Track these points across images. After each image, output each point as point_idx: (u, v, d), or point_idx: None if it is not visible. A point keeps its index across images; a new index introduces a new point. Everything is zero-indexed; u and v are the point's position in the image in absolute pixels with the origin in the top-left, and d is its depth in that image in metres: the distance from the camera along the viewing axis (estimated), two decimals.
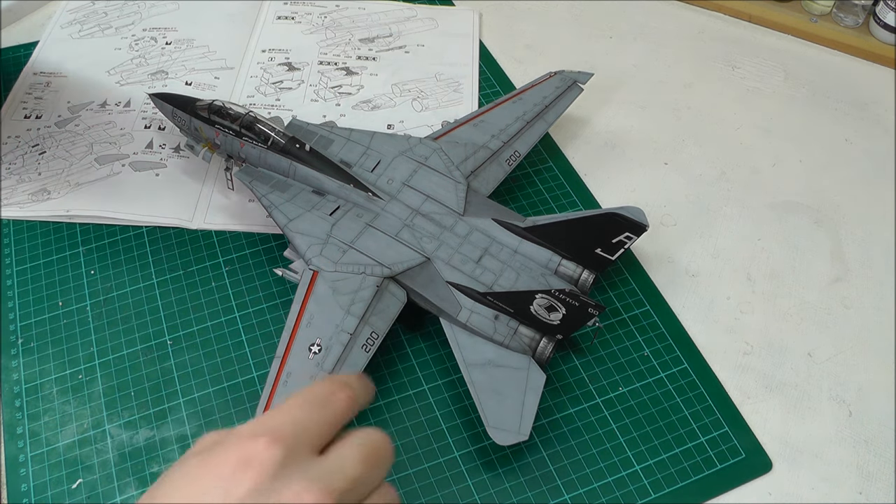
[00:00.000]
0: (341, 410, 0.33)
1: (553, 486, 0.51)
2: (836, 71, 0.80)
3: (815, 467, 0.53)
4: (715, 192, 0.69)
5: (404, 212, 0.57)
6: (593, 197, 0.67)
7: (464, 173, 0.60)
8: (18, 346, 0.57)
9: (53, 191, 0.65)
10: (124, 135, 0.69)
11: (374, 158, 0.60)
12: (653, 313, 0.60)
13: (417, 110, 0.73)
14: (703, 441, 0.53)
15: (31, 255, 0.62)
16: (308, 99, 0.74)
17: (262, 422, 0.32)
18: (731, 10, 0.85)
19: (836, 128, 0.75)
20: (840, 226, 0.67)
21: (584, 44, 0.82)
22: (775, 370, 0.57)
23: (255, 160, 0.60)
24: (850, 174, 0.71)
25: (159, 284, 0.60)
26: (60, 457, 0.52)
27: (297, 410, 0.32)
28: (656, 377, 0.56)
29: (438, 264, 0.55)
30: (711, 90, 0.78)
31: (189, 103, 0.63)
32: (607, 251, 0.55)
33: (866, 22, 0.82)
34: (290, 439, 0.31)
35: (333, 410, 0.33)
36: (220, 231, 0.64)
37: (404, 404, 0.54)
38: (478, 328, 0.52)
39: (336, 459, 0.32)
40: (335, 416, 0.33)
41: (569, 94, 0.68)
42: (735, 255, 0.64)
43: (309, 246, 0.54)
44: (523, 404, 0.50)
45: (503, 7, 0.86)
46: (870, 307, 0.61)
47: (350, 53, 0.79)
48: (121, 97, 0.72)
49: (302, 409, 0.32)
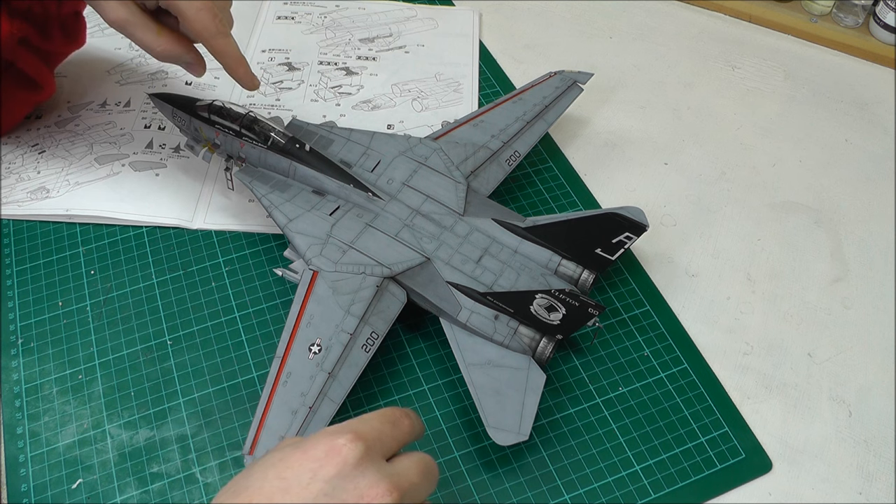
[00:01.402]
0: (406, 432, 0.40)
1: (553, 486, 0.51)
2: (836, 71, 0.80)
3: (815, 467, 0.53)
4: (715, 192, 0.69)
5: (404, 212, 0.57)
6: (593, 197, 0.67)
7: (464, 173, 0.60)
8: (18, 346, 0.57)
9: (53, 189, 0.65)
10: (124, 135, 0.69)
11: (374, 158, 0.60)
12: (653, 313, 0.60)
13: (417, 110, 0.73)
14: (703, 441, 0.53)
15: (31, 255, 0.62)
16: (308, 99, 0.74)
17: (346, 425, 0.38)
18: (731, 10, 0.85)
19: (836, 128, 0.75)
20: (840, 226, 0.67)
21: (584, 44, 0.82)
22: (775, 370, 0.57)
23: (255, 160, 0.60)
24: (850, 174, 0.71)
25: (159, 284, 0.60)
26: (60, 457, 0.52)
27: (376, 422, 0.38)
28: (656, 377, 0.56)
29: (438, 264, 0.55)
30: (711, 90, 0.78)
31: (189, 103, 0.62)
32: (607, 251, 0.55)
33: (866, 22, 0.82)
34: (369, 440, 0.37)
35: (401, 430, 0.39)
36: (220, 231, 0.64)
37: (404, 404, 0.54)
38: (478, 328, 0.52)
39: (401, 466, 0.38)
40: (402, 435, 0.39)
41: (569, 94, 0.68)
42: (735, 255, 0.64)
43: (309, 246, 0.54)
44: (523, 404, 0.50)
45: (503, 7, 0.86)
46: (870, 307, 0.62)
47: (350, 53, 0.79)
48: (121, 97, 0.72)
49: (379, 421, 0.39)
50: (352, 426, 0.38)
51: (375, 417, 0.39)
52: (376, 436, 0.38)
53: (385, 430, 0.38)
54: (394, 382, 0.55)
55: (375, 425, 0.38)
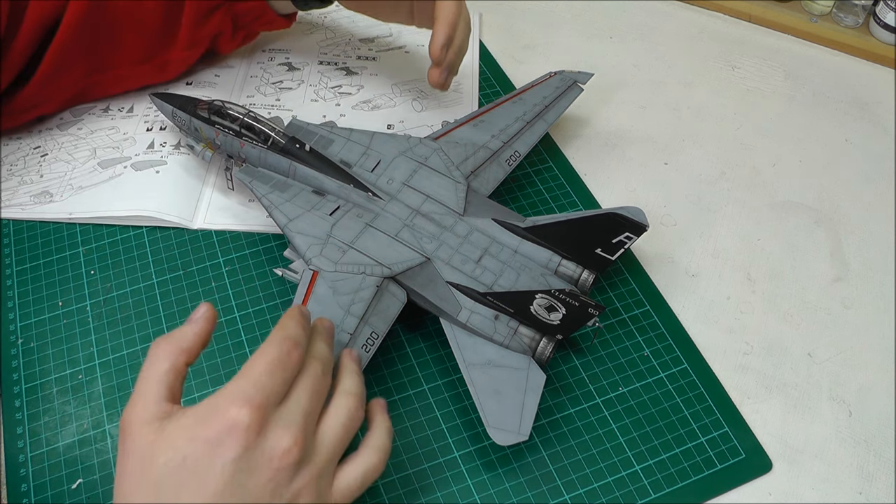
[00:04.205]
0: (295, 368, 0.40)
1: (553, 486, 0.51)
2: (836, 71, 0.80)
3: (815, 467, 0.53)
4: (715, 192, 0.69)
5: (404, 212, 0.57)
6: (593, 197, 0.67)
7: (464, 173, 0.60)
8: (18, 346, 0.57)
9: (56, 193, 0.65)
10: (127, 139, 0.69)
11: (374, 158, 0.60)
12: (653, 313, 0.60)
13: (417, 110, 0.73)
14: (703, 441, 0.53)
15: (31, 255, 0.62)
16: (308, 99, 0.74)
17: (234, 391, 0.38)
18: (731, 10, 0.85)
19: (836, 128, 0.75)
20: (840, 226, 0.67)
21: (584, 44, 0.82)
22: (775, 370, 0.57)
23: (255, 160, 0.60)
24: (850, 174, 0.71)
25: (159, 284, 0.60)
26: (60, 457, 0.52)
27: (264, 376, 0.38)
28: (656, 377, 0.56)
29: (438, 264, 0.55)
30: (711, 90, 0.78)
31: (189, 103, 0.63)
32: (607, 251, 0.55)
33: (866, 22, 0.82)
34: (260, 400, 0.37)
35: (291, 369, 0.40)
36: (220, 231, 0.64)
37: (404, 404, 0.54)
38: (478, 328, 0.52)
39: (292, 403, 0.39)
40: (292, 375, 0.40)
41: (569, 94, 0.68)
42: (735, 255, 0.64)
43: (309, 246, 0.54)
44: (523, 404, 0.50)
45: (503, 7, 0.86)
46: (870, 307, 0.62)
47: (350, 53, 0.79)
48: (123, 102, 0.72)
49: (265, 374, 0.39)
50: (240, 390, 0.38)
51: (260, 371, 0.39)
52: (267, 391, 0.38)
53: (275, 377, 0.39)
54: (394, 382, 0.55)
55: (263, 380, 0.38)
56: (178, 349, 0.40)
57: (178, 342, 0.40)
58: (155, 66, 0.70)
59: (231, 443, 0.36)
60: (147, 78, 0.70)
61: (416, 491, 0.50)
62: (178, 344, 0.40)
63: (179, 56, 0.70)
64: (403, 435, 0.53)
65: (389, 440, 0.44)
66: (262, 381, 0.38)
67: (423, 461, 0.52)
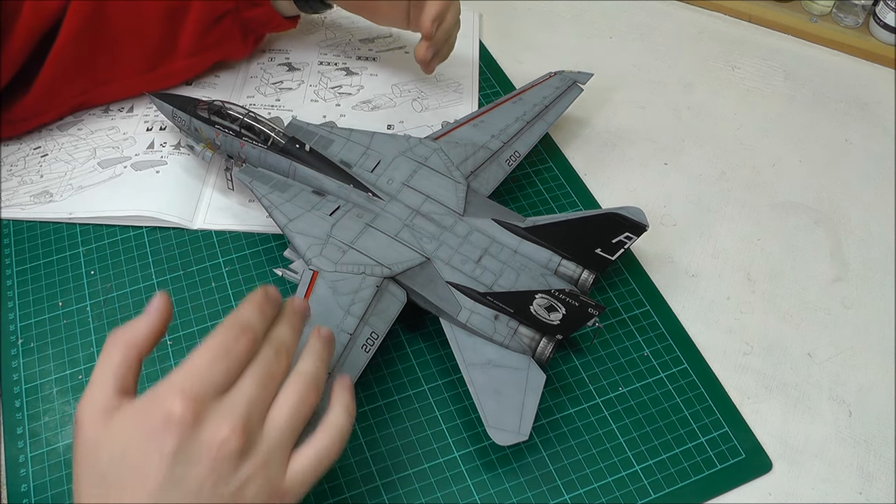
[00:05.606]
0: (243, 355, 0.38)
1: (553, 486, 0.51)
2: (836, 71, 0.80)
3: (815, 467, 0.53)
4: (715, 192, 0.69)
5: (404, 212, 0.57)
6: (593, 197, 0.67)
7: (464, 173, 0.60)
8: (18, 346, 0.57)
9: (56, 193, 0.65)
10: (127, 139, 0.69)
11: (374, 158, 0.60)
12: (653, 313, 0.60)
13: (417, 110, 0.73)
14: (703, 441, 0.53)
15: (31, 255, 0.62)
16: (308, 99, 0.74)
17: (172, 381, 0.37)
18: (731, 10, 0.85)
19: (836, 128, 0.75)
20: (840, 226, 0.67)
21: (584, 44, 0.82)
22: (775, 370, 0.57)
23: (255, 160, 0.60)
24: (850, 174, 0.71)
25: (159, 284, 0.60)
26: (60, 457, 0.52)
27: (203, 369, 0.37)
28: (656, 377, 0.56)
29: (438, 264, 0.55)
30: (711, 90, 0.78)
31: (189, 104, 0.63)
32: (607, 251, 0.55)
33: (866, 22, 0.82)
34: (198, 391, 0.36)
35: (237, 357, 0.38)
36: (220, 231, 0.64)
37: (404, 404, 0.54)
38: (478, 328, 0.52)
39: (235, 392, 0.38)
40: (238, 363, 0.38)
41: (569, 95, 0.68)
42: (735, 255, 0.64)
43: (309, 246, 0.54)
44: (523, 404, 0.50)
45: (503, 7, 0.86)
46: (870, 307, 0.62)
47: (350, 53, 0.79)
48: (124, 102, 0.72)
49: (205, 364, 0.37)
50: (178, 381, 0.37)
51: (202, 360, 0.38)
52: (204, 381, 0.37)
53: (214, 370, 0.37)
54: (394, 382, 0.55)
55: (202, 370, 0.37)
56: (131, 342, 0.39)
57: (131, 335, 0.39)
58: (159, 76, 0.69)
59: (167, 435, 0.35)
60: (151, 87, 0.69)
61: (416, 491, 0.50)
62: (130, 336, 0.39)
63: (183, 65, 0.70)
64: (403, 435, 0.53)
65: (347, 418, 0.42)
66: (200, 370, 0.37)
67: (423, 461, 0.52)
